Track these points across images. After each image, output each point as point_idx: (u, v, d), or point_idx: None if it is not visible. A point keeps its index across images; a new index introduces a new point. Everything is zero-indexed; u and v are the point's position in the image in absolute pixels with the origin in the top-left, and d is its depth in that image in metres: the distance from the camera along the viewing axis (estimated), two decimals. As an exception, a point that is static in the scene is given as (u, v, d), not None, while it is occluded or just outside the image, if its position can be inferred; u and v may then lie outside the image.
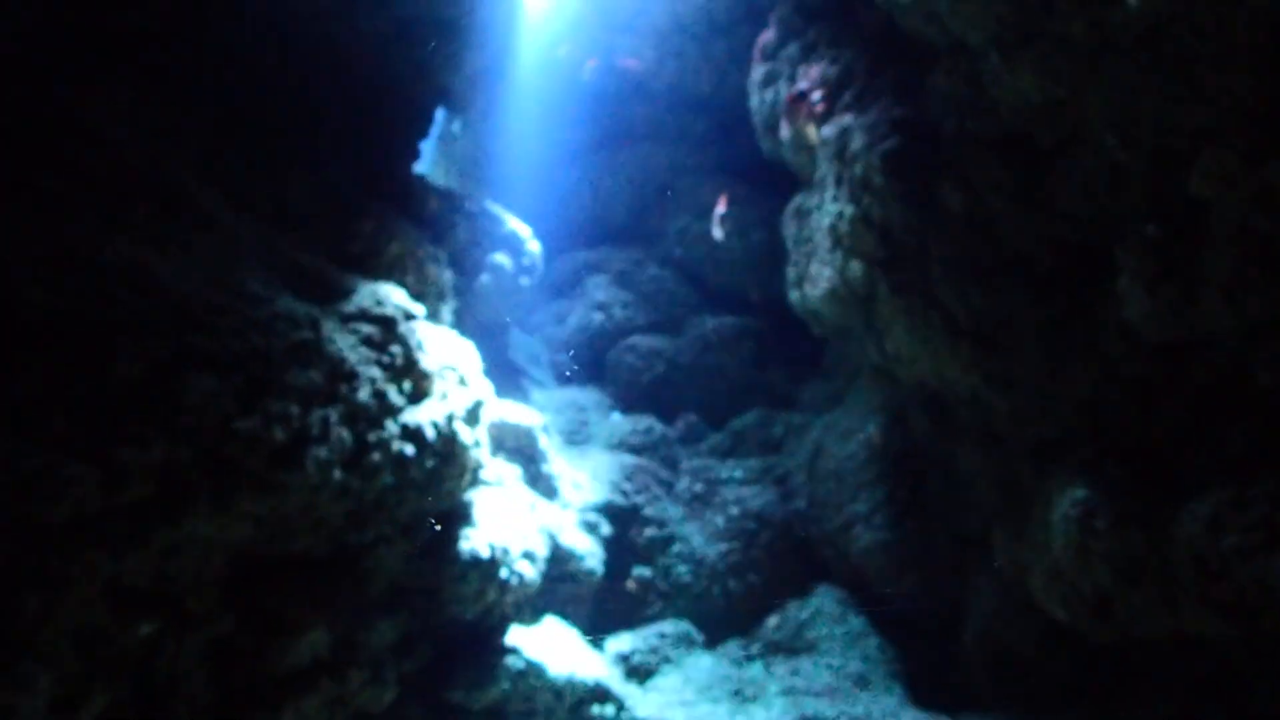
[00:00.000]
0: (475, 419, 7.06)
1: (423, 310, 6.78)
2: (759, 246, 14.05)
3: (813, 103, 9.12)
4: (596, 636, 9.17)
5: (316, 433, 5.01)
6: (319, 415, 4.99)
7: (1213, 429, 6.57)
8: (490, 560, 7.16)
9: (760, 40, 11.00)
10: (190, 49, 6.95)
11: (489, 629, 7.49)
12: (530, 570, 7.71)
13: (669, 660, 9.43)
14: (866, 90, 8.83)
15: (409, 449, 6.03)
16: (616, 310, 14.47)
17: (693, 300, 14.80)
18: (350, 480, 5.44)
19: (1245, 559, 5.73)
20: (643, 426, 12.33)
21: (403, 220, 8.74)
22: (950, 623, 9.43)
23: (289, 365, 4.84)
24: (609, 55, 15.45)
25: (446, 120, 15.61)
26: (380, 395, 5.76)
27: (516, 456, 9.32)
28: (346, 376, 5.44)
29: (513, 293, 11.85)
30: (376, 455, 5.66)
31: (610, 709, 7.99)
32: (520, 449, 9.44)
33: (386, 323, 6.17)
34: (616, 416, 12.82)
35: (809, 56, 9.84)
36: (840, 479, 10.75)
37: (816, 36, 9.90)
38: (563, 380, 13.94)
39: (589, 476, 10.66)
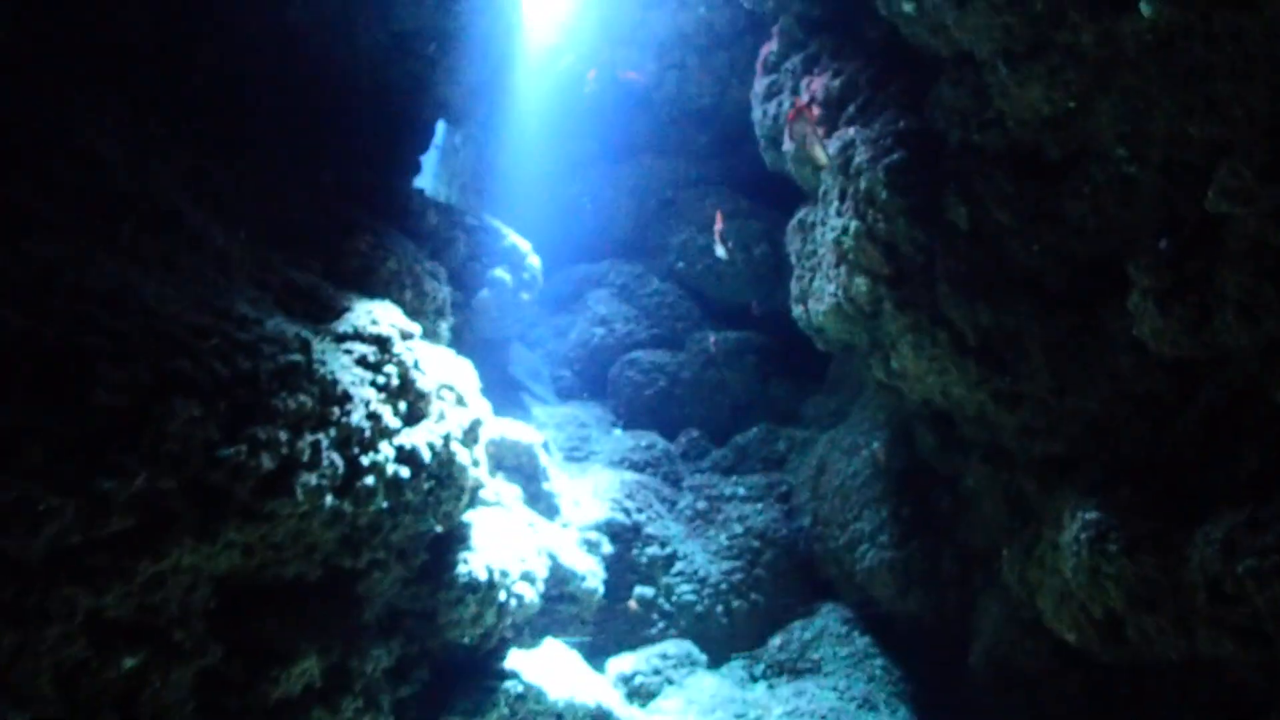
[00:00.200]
0: (473, 439, 6.93)
1: (419, 329, 6.65)
2: (762, 260, 13.99)
3: (816, 115, 9.02)
4: (597, 658, 9.01)
5: (307, 459, 4.88)
6: (309, 440, 4.85)
7: (1227, 449, 6.43)
8: (488, 583, 7.02)
9: (763, 52, 10.89)
10: (183, 64, 6.86)
11: (487, 653, 7.34)
12: (530, 592, 7.57)
13: (671, 681, 9.29)
14: (870, 103, 8.72)
15: (404, 472, 5.89)
16: (618, 325, 14.37)
17: (695, 314, 14.71)
18: (343, 505, 5.30)
19: (1261, 582, 5.59)
20: (644, 442, 12.22)
21: (401, 236, 8.64)
22: (957, 642, 9.27)
23: (278, 389, 4.70)
24: (610, 67, 15.38)
25: (449, 133, 15.57)
26: (375, 417, 5.62)
27: (516, 474, 9.20)
28: (339, 399, 5.31)
29: (513, 308, 11.77)
30: (370, 479, 5.52)
31: (612, 732, 7.84)
32: (520, 466, 9.32)
33: (381, 342, 6.03)
34: (618, 432, 12.71)
35: (812, 69, 9.75)
36: (845, 496, 10.60)
37: (819, 48, 9.80)
38: (564, 396, 13.83)
39: (590, 494, 10.53)
